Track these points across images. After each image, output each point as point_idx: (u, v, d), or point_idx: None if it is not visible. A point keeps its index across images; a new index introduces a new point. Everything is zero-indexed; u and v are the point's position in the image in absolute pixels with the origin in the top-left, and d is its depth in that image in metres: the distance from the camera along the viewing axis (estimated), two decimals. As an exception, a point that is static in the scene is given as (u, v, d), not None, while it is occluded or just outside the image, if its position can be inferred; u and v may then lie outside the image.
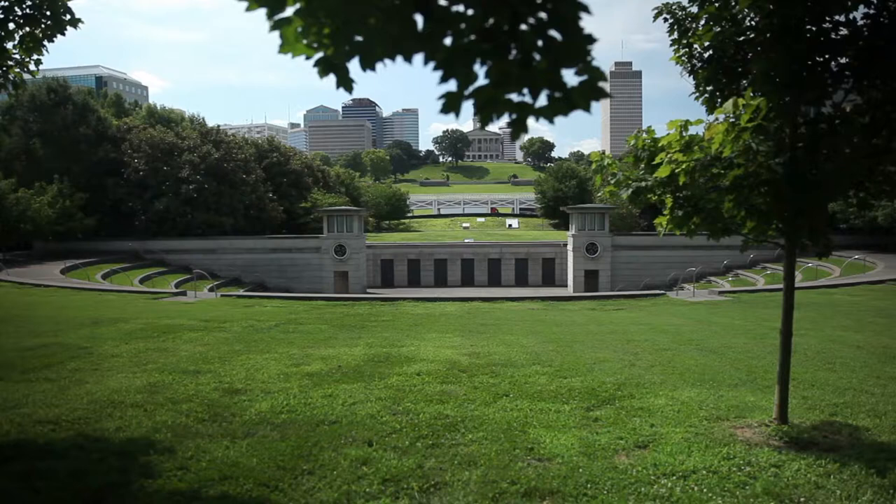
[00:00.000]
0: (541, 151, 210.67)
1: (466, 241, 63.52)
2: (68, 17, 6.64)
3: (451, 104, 1.77)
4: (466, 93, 1.74)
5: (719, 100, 6.21)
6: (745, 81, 6.00)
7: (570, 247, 50.89)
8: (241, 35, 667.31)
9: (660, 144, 5.92)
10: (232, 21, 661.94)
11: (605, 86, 1.86)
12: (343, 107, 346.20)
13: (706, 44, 6.03)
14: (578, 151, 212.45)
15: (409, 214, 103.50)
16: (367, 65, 2.25)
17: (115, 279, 40.35)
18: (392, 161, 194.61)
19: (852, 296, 23.05)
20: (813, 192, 5.40)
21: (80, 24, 6.77)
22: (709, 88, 6.14)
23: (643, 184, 6.01)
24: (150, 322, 15.67)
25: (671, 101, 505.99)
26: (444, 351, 11.00)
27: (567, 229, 57.46)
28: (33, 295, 25.44)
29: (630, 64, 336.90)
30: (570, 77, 1.77)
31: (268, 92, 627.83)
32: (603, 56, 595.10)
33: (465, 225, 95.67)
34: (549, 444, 5.98)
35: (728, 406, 7.13)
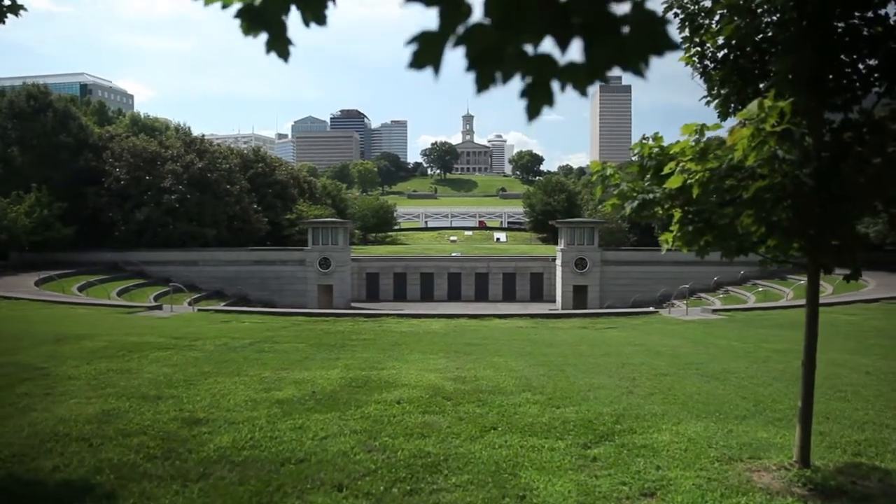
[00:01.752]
0: (529, 165, 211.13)
1: (453, 254, 62.88)
2: (8, 1, 5.90)
3: (425, 53, 1.08)
4: (453, 35, 1.06)
5: (733, 104, 5.59)
6: (762, 84, 5.38)
7: (558, 261, 50.37)
8: (229, 45, 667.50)
9: (670, 152, 5.27)
10: (221, 31, 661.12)
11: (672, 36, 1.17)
12: (331, 118, 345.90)
13: (720, 42, 5.42)
14: (567, 165, 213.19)
15: (396, 227, 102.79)
16: (313, 16, 1.57)
17: (92, 292, 39.22)
18: (380, 173, 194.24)
19: (849, 315, 22.58)
20: (841, 207, 4.77)
21: (21, 12, 6.03)
22: (723, 92, 5.52)
23: (650, 196, 5.34)
24: (117, 339, 14.79)
25: (660, 116, 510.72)
26: (428, 375, 10.26)
27: (556, 244, 57.02)
28: (0, 308, 24.39)
29: (619, 78, 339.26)
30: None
31: (256, 102, 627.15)
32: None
33: (452, 238, 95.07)
34: (543, 490, 5.27)
35: (740, 444, 6.45)
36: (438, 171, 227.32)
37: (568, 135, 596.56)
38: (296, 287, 50.58)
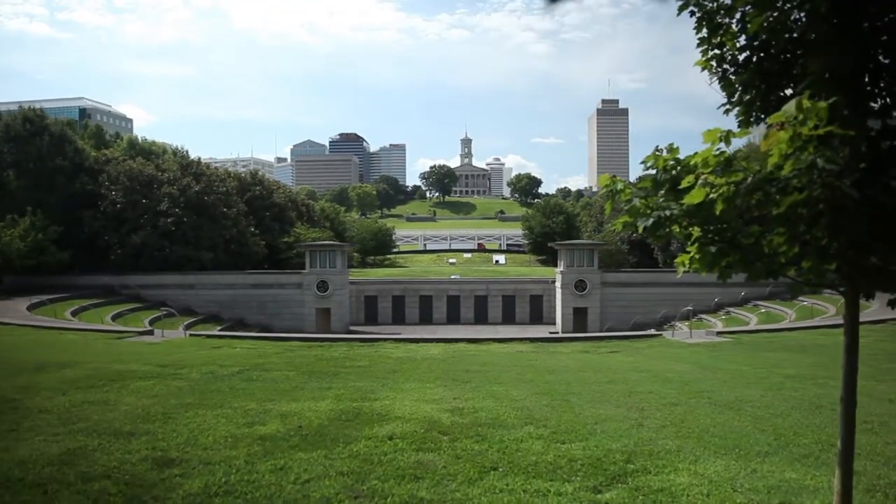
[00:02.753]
0: (528, 187, 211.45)
1: (452, 277, 62.30)
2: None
3: None
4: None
5: (755, 112, 5.06)
6: (789, 90, 4.85)
7: (558, 283, 49.76)
8: (229, 70, 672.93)
9: (689, 163, 4.72)
10: (221, 56, 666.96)
11: None
12: (330, 141, 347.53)
13: (741, 42, 4.90)
14: (566, 188, 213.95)
15: (395, 250, 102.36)
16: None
17: (85, 316, 38.55)
18: (379, 196, 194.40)
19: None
20: (888, 223, 4.21)
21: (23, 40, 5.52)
22: (746, 98, 4.99)
23: (666, 213, 4.77)
24: (100, 367, 14.15)
25: (656, 140, 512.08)
26: (424, 406, 9.62)
27: (555, 265, 56.50)
28: (-13, 334, 23.74)
29: (616, 102, 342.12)
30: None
31: (255, 127, 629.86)
32: (591, 93, 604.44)
33: (451, 261, 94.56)
34: (551, 545, 4.64)
35: (768, 486, 5.82)
36: (437, 194, 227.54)
37: (566, 157, 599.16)
38: (293, 310, 49.91)
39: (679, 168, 4.93)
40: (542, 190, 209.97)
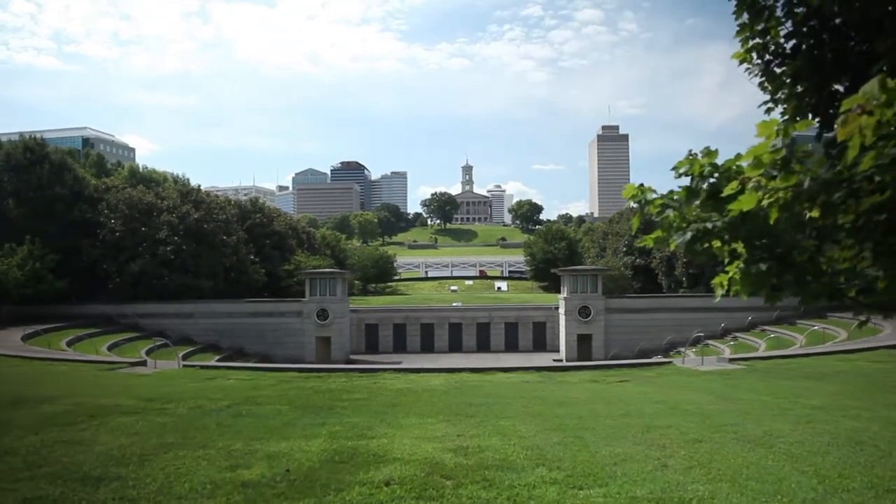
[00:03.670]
0: (529, 214, 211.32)
1: (454, 304, 61.50)
2: None
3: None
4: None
5: (805, 109, 4.39)
6: (845, 80, 4.19)
7: (561, 310, 48.89)
8: (232, 100, 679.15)
9: (731, 167, 4.02)
10: (224, 86, 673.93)
11: None
12: (332, 170, 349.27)
13: (788, 29, 4.26)
14: (567, 214, 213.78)
15: (396, 277, 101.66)
16: None
17: (80, 346, 37.72)
18: (380, 224, 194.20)
19: (877, 362, 21.09)
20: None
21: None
22: (796, 90, 4.33)
23: (707, 226, 4.05)
24: (82, 402, 13.35)
25: (657, 165, 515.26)
26: (424, 445, 8.80)
27: (557, 292, 55.66)
28: (-27, 366, 22.94)
29: (617, 127, 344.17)
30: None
31: (257, 155, 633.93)
32: (591, 119, 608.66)
33: (452, 288, 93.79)
34: None
35: (824, 545, 5.02)
36: (438, 221, 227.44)
37: (566, 184, 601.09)
38: (293, 339, 48.98)
39: (719, 174, 4.23)
40: (543, 216, 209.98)
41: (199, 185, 65.19)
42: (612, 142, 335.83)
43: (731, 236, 4.26)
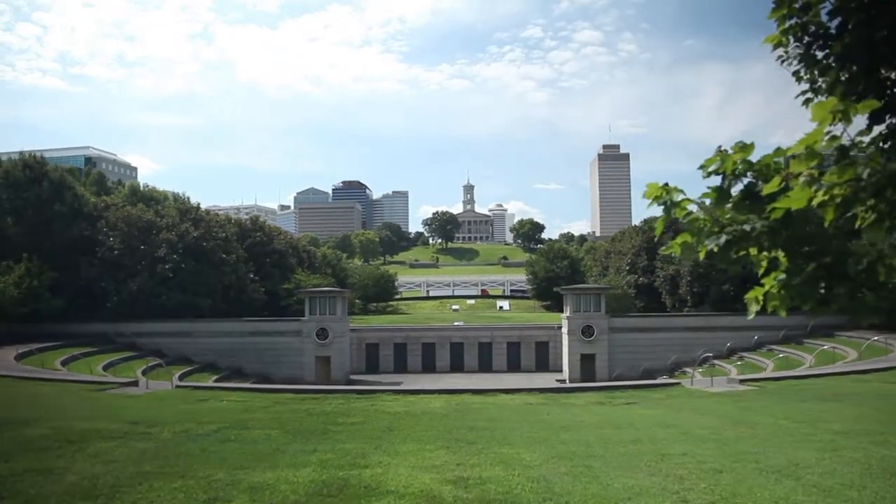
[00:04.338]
0: (531, 233, 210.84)
1: (456, 323, 60.76)
2: None
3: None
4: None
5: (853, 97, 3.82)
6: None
7: (564, 329, 48.16)
8: (234, 120, 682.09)
9: (771, 161, 3.45)
10: (226, 106, 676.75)
11: None
12: (333, 189, 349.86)
13: (832, 4, 3.70)
14: (568, 233, 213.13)
15: (398, 296, 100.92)
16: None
17: (75, 366, 37.01)
18: (381, 243, 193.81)
19: (889, 383, 20.37)
20: None
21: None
22: (843, 76, 3.76)
23: (746, 228, 3.46)
24: (62, 426, 12.68)
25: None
26: (421, 476, 8.13)
27: (559, 311, 55.00)
28: (-41, 387, 22.28)
29: (617, 146, 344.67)
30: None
31: (259, 174, 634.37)
32: (591, 138, 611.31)
33: (454, 307, 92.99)
34: None
35: None
36: (440, 240, 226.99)
37: (567, 203, 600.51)
38: (292, 359, 48.22)
39: (756, 171, 3.64)
40: (544, 235, 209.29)
41: (199, 203, 64.79)
42: (613, 161, 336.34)
43: (771, 242, 3.65)
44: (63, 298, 48.68)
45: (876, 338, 33.85)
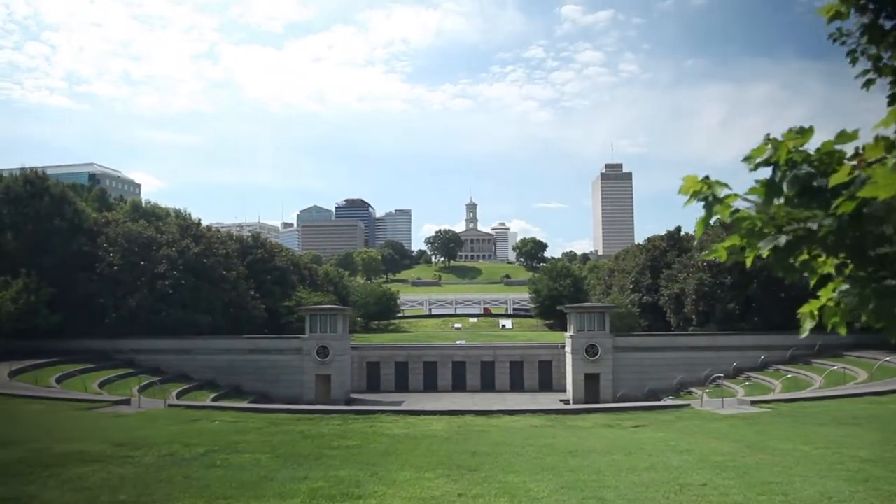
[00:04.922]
0: (533, 252, 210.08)
1: (458, 342, 59.93)
2: None
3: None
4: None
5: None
6: None
7: (568, 349, 47.34)
8: (238, 137, 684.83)
9: (832, 148, 2.87)
10: (230, 124, 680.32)
11: None
12: (336, 207, 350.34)
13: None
14: (571, 251, 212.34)
15: (400, 314, 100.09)
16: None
17: (70, 383, 36.31)
18: (384, 261, 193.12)
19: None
20: None
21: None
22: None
23: (812, 226, 2.83)
24: (42, 448, 12.02)
25: (661, 202, 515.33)
26: (419, 508, 7.46)
27: (562, 330, 54.23)
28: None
29: (620, 165, 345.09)
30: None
31: (262, 192, 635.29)
32: (593, 158, 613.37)
33: (456, 326, 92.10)
34: None
35: None
36: (442, 258, 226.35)
37: (570, 222, 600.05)
38: (292, 377, 47.41)
39: (816, 161, 3.03)
40: (547, 254, 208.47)
41: (200, 220, 64.37)
42: (615, 180, 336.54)
43: (835, 244, 3.01)
44: (61, 314, 48.03)
45: (888, 358, 33.00)
